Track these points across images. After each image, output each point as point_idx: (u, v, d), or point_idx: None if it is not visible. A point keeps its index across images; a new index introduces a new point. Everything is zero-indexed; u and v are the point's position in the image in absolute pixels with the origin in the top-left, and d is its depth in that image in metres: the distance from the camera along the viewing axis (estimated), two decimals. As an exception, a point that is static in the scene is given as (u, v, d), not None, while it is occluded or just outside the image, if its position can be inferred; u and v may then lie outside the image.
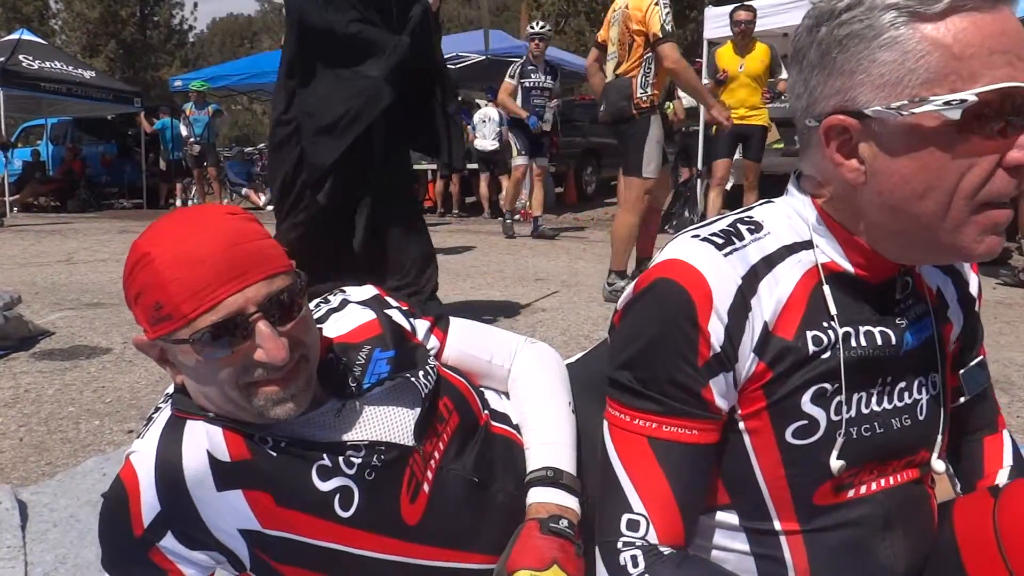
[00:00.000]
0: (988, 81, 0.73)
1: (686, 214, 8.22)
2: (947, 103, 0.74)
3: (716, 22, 7.92)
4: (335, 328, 1.11)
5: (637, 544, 0.85)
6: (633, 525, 0.86)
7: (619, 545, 0.86)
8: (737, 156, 6.70)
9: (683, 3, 19.57)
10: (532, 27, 7.88)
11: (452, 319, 1.22)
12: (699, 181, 8.12)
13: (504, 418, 1.16)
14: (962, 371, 1.02)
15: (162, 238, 0.91)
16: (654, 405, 0.86)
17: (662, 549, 0.86)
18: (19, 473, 2.12)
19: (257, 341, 0.90)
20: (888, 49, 0.77)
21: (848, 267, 0.88)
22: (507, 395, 1.21)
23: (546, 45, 7.65)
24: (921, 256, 0.86)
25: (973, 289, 1.02)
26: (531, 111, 7.42)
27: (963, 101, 0.73)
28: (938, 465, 0.94)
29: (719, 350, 0.84)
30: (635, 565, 0.84)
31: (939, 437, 0.94)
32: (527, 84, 7.50)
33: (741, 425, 0.88)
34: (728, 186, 7.96)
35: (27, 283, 4.80)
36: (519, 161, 7.68)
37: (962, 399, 1.03)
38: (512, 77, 7.52)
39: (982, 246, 0.79)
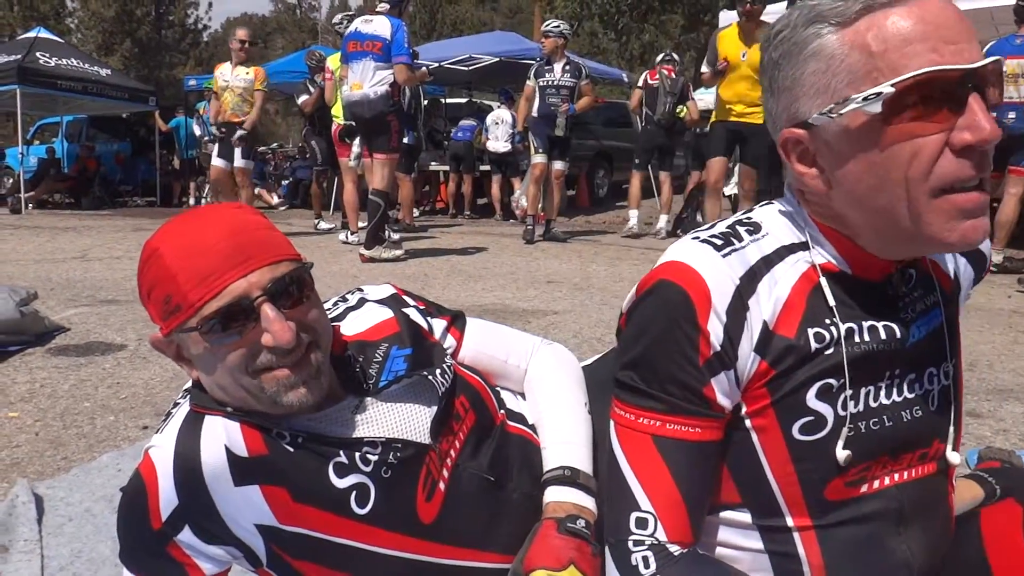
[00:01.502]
0: (910, 71, 0.74)
1: (698, 219, 8.19)
2: (866, 99, 0.77)
3: None
4: (353, 326, 1.12)
5: (647, 543, 0.86)
6: (641, 523, 0.87)
7: (630, 544, 0.87)
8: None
9: (697, 7, 19.58)
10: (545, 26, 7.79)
11: (469, 319, 1.23)
12: None
13: (520, 418, 1.17)
14: None
15: (170, 234, 0.94)
16: (657, 404, 0.88)
17: (672, 549, 0.86)
18: (35, 467, 2.14)
19: (263, 324, 0.91)
20: (815, 60, 0.81)
21: (844, 267, 0.89)
22: (523, 395, 1.22)
23: (556, 43, 7.34)
24: (906, 249, 0.87)
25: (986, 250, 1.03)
26: (546, 110, 7.33)
27: (879, 94, 0.76)
28: (953, 457, 0.94)
29: (719, 349, 0.85)
30: (647, 566, 0.85)
31: (951, 427, 0.94)
32: (541, 83, 7.41)
33: (748, 423, 0.89)
34: (728, 191, 7.70)
35: (43, 279, 4.84)
36: (537, 159, 7.48)
37: None
38: (530, 78, 7.47)
39: (955, 234, 0.79)
